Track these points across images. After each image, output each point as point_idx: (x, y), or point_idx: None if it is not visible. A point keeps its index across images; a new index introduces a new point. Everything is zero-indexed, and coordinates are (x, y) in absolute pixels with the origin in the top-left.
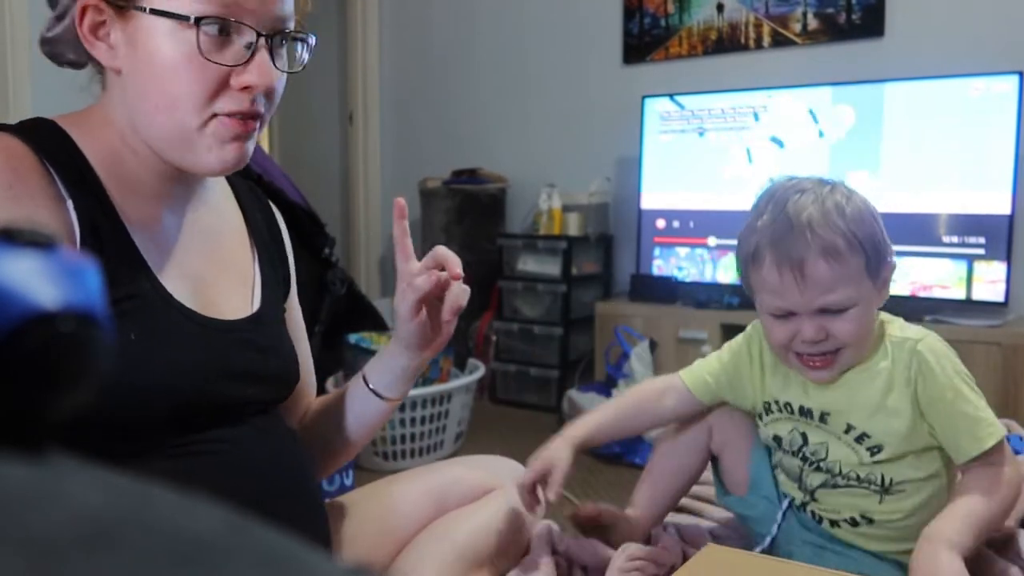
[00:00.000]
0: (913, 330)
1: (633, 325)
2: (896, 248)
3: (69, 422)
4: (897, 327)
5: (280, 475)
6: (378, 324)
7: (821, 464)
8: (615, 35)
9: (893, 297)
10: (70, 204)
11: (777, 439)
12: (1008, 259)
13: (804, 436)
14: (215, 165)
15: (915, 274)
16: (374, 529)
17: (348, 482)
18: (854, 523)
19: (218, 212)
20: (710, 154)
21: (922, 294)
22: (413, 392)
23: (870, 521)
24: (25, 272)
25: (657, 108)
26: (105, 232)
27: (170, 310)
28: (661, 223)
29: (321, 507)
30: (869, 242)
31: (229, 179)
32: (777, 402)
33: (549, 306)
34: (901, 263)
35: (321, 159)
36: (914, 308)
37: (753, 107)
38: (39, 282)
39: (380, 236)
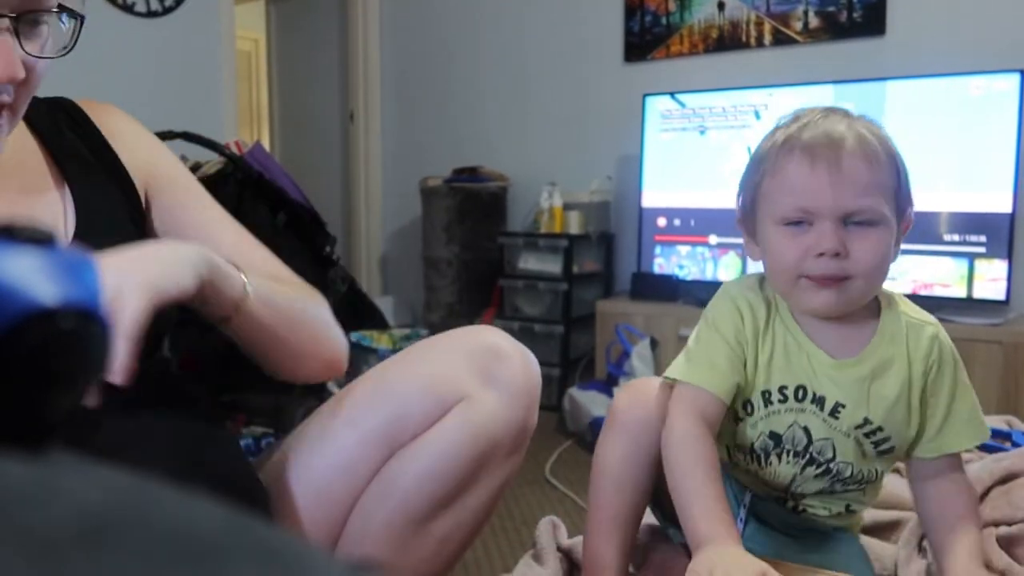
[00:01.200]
0: (924, 314)
1: (634, 323)
2: None
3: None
4: (909, 307)
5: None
6: (379, 323)
7: (830, 466)
8: (616, 33)
9: None
10: None
11: (775, 437)
12: (1009, 257)
13: (807, 432)
14: None
15: (916, 272)
16: (314, 496)
17: None
18: (837, 515)
19: (11, 150)
20: (711, 152)
21: (923, 292)
22: None
23: (851, 512)
24: (25, 269)
25: (658, 106)
26: None
27: None
28: (662, 221)
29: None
30: (903, 167)
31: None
32: (781, 389)
33: (550, 304)
34: (902, 261)
35: (322, 158)
36: None
37: (754, 105)
38: (39, 279)
39: (381, 235)
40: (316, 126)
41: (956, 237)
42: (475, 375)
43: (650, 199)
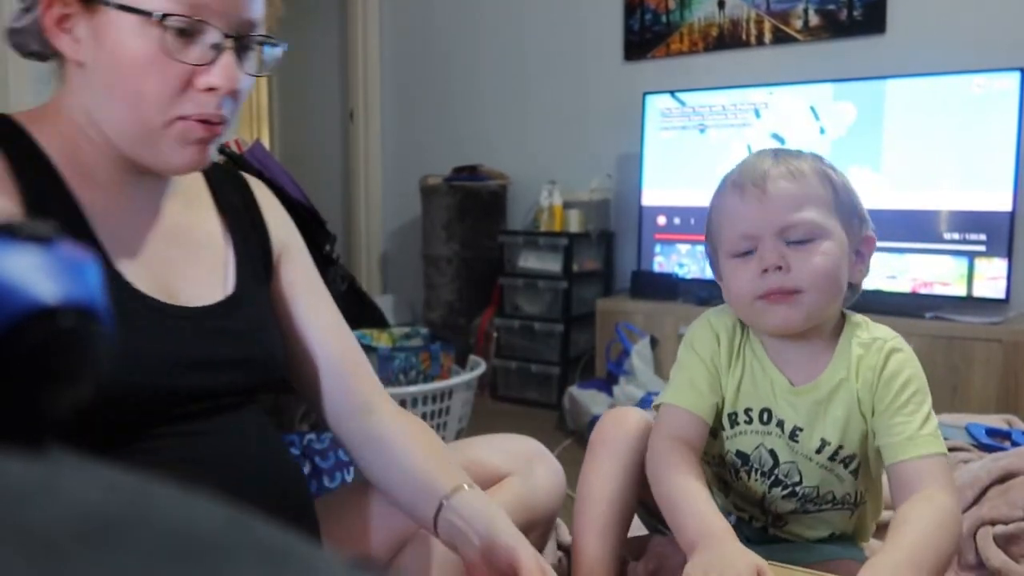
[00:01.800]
0: (882, 331)
1: (634, 322)
2: (897, 245)
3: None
4: (865, 328)
5: (253, 472)
6: (379, 321)
7: (796, 489)
8: (616, 32)
9: (893, 294)
10: (19, 191)
11: (742, 456)
12: (1009, 256)
13: (773, 454)
14: (173, 166)
15: (916, 271)
16: (376, 523)
17: (349, 478)
18: (824, 539)
19: (185, 197)
20: (711, 151)
21: (923, 291)
22: (414, 388)
23: (839, 537)
24: (25, 267)
25: (658, 105)
26: (66, 223)
27: (124, 298)
28: (662, 220)
29: (305, 504)
30: (841, 185)
31: None
32: (747, 411)
33: (550, 303)
34: (902, 259)
35: (322, 156)
36: (915, 305)
37: (754, 104)
38: (39, 277)
39: (381, 233)
40: (316, 124)
41: (956, 235)
42: (521, 459)
43: (650, 197)
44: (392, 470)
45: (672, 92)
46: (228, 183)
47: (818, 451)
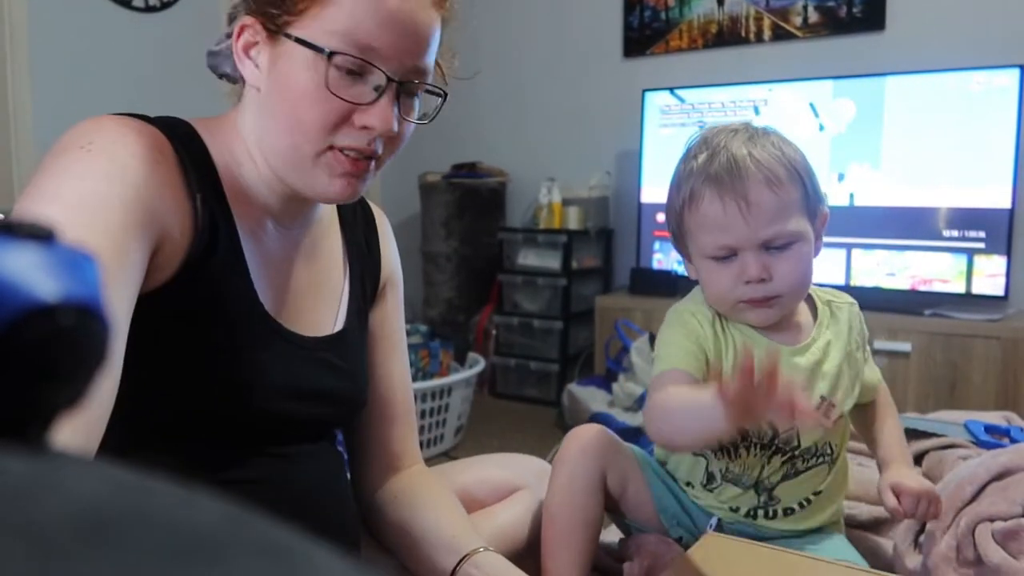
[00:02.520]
0: (834, 292)
1: (633, 319)
2: (896, 241)
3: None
4: (823, 292)
5: (320, 500)
6: None
7: (795, 453)
8: (615, 29)
9: (892, 291)
10: (199, 198)
11: (741, 433)
12: (1008, 253)
13: (771, 425)
14: (322, 195)
15: (915, 268)
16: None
17: None
18: (802, 505)
19: (321, 228)
20: None
21: (922, 288)
22: (414, 386)
23: (817, 493)
24: (25, 265)
25: (657, 102)
26: (222, 231)
27: (255, 320)
28: (661, 217)
29: (357, 536)
30: (806, 173)
31: None
32: None
33: (549, 300)
34: (901, 256)
35: None
36: (914, 302)
37: (754, 101)
38: (39, 275)
39: None
40: None
41: (955, 233)
42: (530, 475)
43: (649, 195)
44: (416, 523)
45: (671, 89)
46: (356, 214)
47: (816, 408)
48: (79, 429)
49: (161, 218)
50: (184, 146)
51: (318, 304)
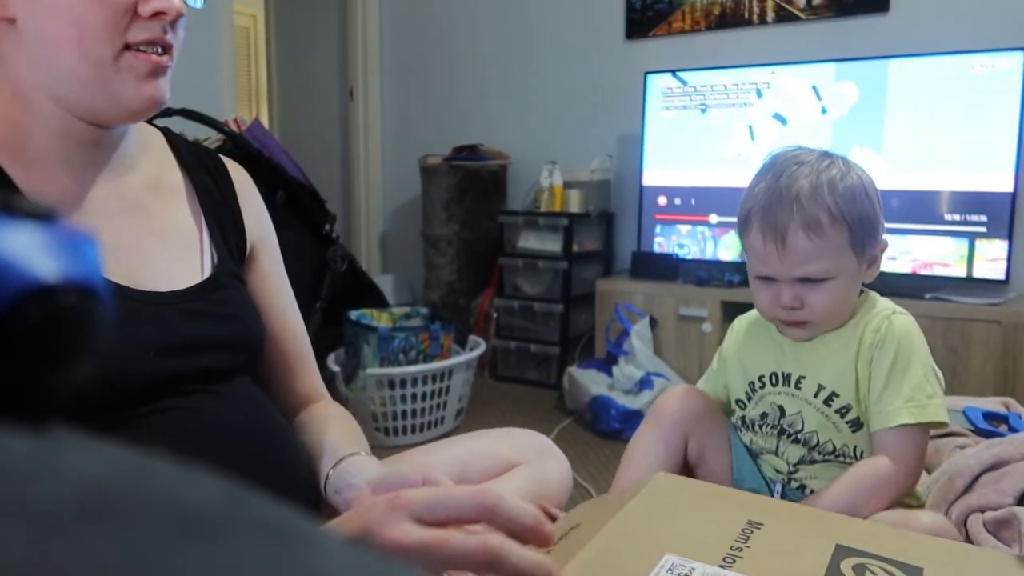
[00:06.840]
0: (893, 307)
1: (634, 302)
2: (897, 225)
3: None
4: (879, 304)
5: (247, 440)
6: (378, 301)
7: (799, 436)
8: (617, 10)
9: (893, 275)
10: None
11: (764, 416)
12: (1009, 237)
13: (781, 408)
14: (134, 107)
15: (916, 252)
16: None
17: None
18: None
19: (152, 177)
20: (712, 131)
21: (923, 272)
22: (414, 368)
23: None
24: (25, 245)
25: (659, 84)
26: None
27: None
28: (662, 200)
29: (303, 475)
30: (854, 217)
31: (170, 140)
32: (761, 378)
33: (550, 283)
34: (902, 240)
35: (321, 135)
36: (914, 286)
37: (756, 83)
38: (39, 255)
39: (380, 213)
40: (315, 103)
41: (957, 216)
42: (531, 451)
43: (651, 178)
44: (310, 442)
45: (674, 71)
46: (199, 160)
47: (815, 395)
48: None
49: None
50: None
51: (171, 256)
